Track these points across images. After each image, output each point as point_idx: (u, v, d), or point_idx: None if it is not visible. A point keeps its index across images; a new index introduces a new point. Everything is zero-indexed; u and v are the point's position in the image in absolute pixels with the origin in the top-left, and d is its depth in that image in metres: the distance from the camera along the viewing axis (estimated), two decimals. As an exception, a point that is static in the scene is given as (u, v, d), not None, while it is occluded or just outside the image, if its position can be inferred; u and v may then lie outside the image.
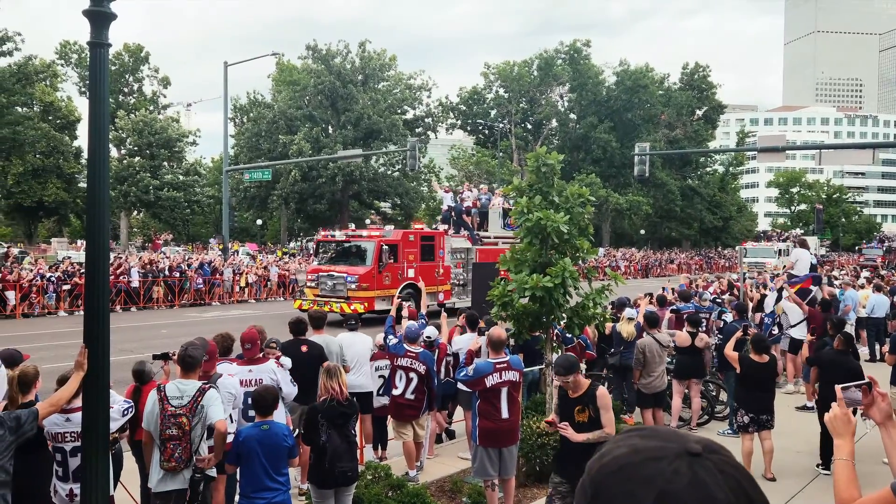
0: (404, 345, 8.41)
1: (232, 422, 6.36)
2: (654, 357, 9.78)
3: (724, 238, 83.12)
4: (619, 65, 73.71)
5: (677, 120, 73.28)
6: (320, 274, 23.13)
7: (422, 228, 25.82)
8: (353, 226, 27.37)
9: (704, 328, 11.65)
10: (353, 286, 22.09)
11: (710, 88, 77.12)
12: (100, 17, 4.58)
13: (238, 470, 5.72)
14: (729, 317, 12.60)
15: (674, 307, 12.99)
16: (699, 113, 78.09)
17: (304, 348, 8.12)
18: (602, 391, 5.95)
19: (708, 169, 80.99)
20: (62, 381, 5.32)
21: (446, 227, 25.82)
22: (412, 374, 8.28)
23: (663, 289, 16.66)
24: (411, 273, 22.97)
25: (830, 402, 2.95)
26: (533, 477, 8.17)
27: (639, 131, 69.77)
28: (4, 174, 58.01)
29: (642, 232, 76.84)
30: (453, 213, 26.15)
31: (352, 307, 21.32)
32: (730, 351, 9.02)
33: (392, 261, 22.62)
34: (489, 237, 26.28)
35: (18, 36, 47.27)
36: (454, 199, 26.77)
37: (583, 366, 11.84)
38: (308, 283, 24.15)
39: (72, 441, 5.33)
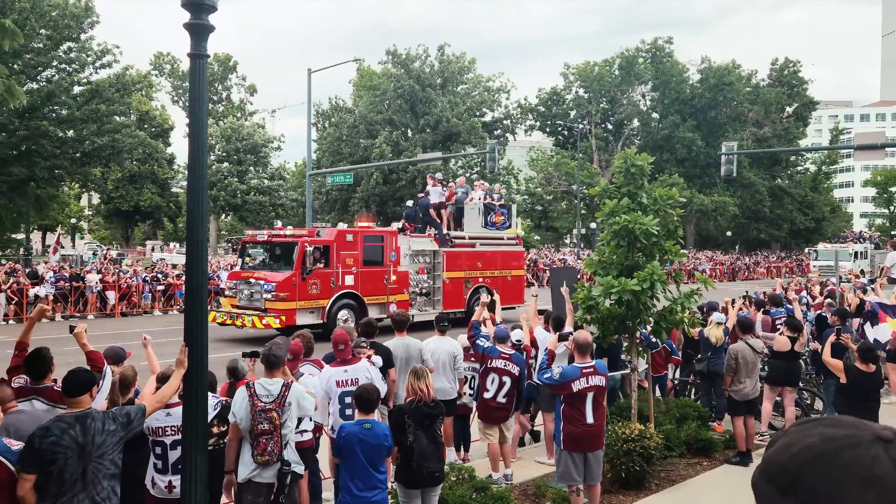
0: (497, 346, 8.31)
1: (310, 421, 6.60)
2: (748, 363, 9.39)
3: (817, 240, 79.57)
4: (700, 62, 71.69)
5: (766, 118, 70.56)
6: (239, 280, 19.63)
7: (368, 227, 21.57)
8: (278, 223, 23.42)
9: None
10: (270, 296, 18.50)
11: (801, 84, 73.88)
12: (199, 29, 4.77)
13: (335, 468, 5.85)
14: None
15: (764, 310, 12.61)
16: (789, 110, 74.96)
17: (370, 351, 8.18)
18: None
19: (799, 168, 77.66)
20: (163, 379, 5.54)
21: (407, 224, 22.15)
22: (505, 378, 8.12)
23: (746, 292, 16.10)
24: (349, 280, 19.49)
25: None
26: (618, 483, 8.03)
27: (724, 130, 67.59)
28: (104, 180, 61.24)
29: (729, 234, 74.34)
30: (419, 209, 22.62)
31: (264, 321, 18.12)
32: (829, 358, 8.57)
33: (322, 265, 19.02)
34: (463, 237, 22.44)
35: (117, 48, 49.69)
36: (441, 192, 22.75)
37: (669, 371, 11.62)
38: (227, 292, 20.58)
39: (172, 435, 5.55)
